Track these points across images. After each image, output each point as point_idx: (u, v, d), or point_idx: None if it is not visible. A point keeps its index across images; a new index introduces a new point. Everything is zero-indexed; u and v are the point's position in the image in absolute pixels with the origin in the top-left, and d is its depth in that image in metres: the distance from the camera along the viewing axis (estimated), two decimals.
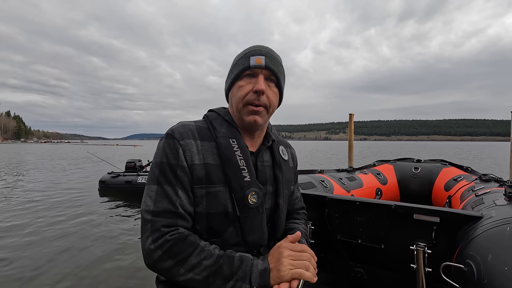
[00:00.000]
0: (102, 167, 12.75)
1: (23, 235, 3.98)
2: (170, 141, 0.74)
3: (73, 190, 7.66)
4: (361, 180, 2.55)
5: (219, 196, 0.73)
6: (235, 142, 0.78)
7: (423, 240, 1.14)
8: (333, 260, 1.40)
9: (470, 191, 1.84)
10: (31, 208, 5.54)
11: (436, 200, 2.52)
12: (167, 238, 0.66)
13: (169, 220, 0.68)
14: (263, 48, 0.80)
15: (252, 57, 0.77)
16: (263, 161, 0.84)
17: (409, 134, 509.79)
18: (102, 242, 3.77)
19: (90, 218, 4.89)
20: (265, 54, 0.78)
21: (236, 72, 0.78)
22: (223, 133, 0.78)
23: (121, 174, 7.35)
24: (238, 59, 0.80)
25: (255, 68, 0.76)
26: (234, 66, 0.81)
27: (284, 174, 0.87)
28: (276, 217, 0.84)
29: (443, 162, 2.80)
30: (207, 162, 0.74)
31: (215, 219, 0.73)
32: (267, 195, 0.82)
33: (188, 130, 0.76)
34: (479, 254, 0.86)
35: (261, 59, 0.77)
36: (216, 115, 0.84)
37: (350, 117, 4.84)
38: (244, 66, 0.77)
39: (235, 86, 0.79)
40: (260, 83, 0.75)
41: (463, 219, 1.08)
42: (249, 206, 0.74)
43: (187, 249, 0.66)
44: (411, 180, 2.74)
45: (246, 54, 0.78)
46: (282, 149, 0.91)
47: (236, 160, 0.75)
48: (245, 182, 0.75)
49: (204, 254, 0.67)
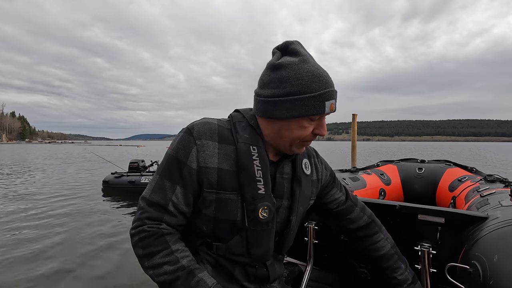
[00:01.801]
0: (106, 167, 12.82)
1: (25, 234, 4.02)
2: (186, 137, 0.71)
3: (77, 189, 7.70)
4: (364, 180, 2.54)
5: (229, 204, 0.71)
6: (256, 150, 0.73)
7: (428, 241, 1.13)
8: (337, 260, 1.40)
9: (475, 191, 1.82)
10: (34, 207, 5.59)
11: (440, 201, 2.50)
12: (145, 229, 0.67)
13: (156, 214, 0.69)
14: (333, 86, 0.70)
15: (327, 102, 0.67)
16: (282, 173, 0.79)
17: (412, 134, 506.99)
18: (105, 241, 3.79)
19: (94, 218, 4.92)
20: (335, 97, 0.70)
21: (303, 113, 0.67)
22: (245, 139, 0.73)
23: (125, 174, 7.38)
24: (309, 97, 0.66)
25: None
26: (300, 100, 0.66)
27: (303, 190, 0.82)
28: (285, 233, 0.81)
29: (448, 162, 2.78)
30: (222, 167, 0.71)
31: (222, 225, 0.72)
32: (281, 209, 0.79)
33: (208, 130, 0.72)
34: (484, 255, 0.86)
35: (334, 105, 0.69)
36: (241, 117, 0.78)
37: (353, 117, 4.82)
38: (317, 112, 0.67)
39: (295, 122, 0.69)
40: (325, 128, 0.73)
41: (468, 219, 1.07)
42: (259, 221, 0.72)
43: (157, 246, 0.66)
44: (415, 181, 2.73)
45: (320, 96, 0.66)
46: (305, 162, 0.86)
47: (253, 169, 0.71)
48: (259, 194, 0.71)
49: (169, 258, 0.66)
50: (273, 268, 0.82)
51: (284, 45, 0.72)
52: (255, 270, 0.78)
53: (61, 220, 4.79)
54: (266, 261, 0.79)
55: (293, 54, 0.70)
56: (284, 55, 0.72)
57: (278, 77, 0.68)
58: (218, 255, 0.75)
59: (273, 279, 0.82)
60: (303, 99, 0.66)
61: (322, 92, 0.66)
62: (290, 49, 0.70)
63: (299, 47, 0.71)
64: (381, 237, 0.98)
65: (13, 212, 5.26)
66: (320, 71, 0.68)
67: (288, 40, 0.72)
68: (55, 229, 4.28)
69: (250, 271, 0.77)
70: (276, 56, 0.72)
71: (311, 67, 0.67)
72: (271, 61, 0.72)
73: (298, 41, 0.73)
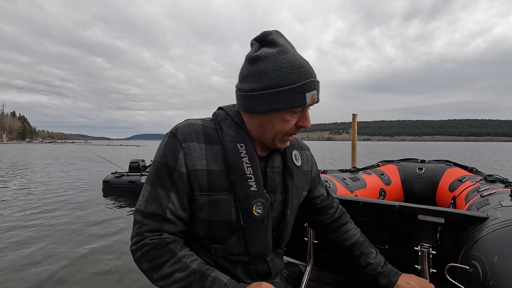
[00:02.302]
0: (106, 167, 12.83)
1: (26, 234, 4.02)
2: (171, 141, 0.69)
3: (77, 189, 7.72)
4: (364, 180, 2.54)
5: (223, 204, 0.70)
6: (243, 147, 0.71)
7: (428, 241, 1.13)
8: (337, 260, 1.40)
9: (475, 192, 1.82)
10: (35, 207, 5.59)
11: (440, 201, 2.50)
12: (147, 242, 0.65)
13: (155, 224, 0.67)
14: (313, 75, 0.67)
15: (308, 94, 0.65)
16: (273, 167, 0.78)
17: (413, 134, 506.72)
18: (105, 240, 3.79)
19: (94, 218, 4.92)
20: (317, 87, 0.67)
21: (284, 105, 0.65)
22: (231, 137, 0.72)
23: (125, 174, 7.39)
24: (289, 90, 0.64)
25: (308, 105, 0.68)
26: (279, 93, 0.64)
27: (295, 182, 0.81)
28: (282, 227, 0.81)
29: (448, 162, 2.78)
30: (211, 168, 0.69)
31: (217, 227, 0.71)
32: (276, 204, 0.78)
33: (193, 132, 0.71)
34: (484, 255, 0.86)
35: (316, 95, 0.67)
36: (225, 115, 0.76)
37: (354, 117, 4.82)
38: (298, 104, 0.65)
39: (277, 116, 0.68)
40: (309, 120, 0.70)
41: (468, 220, 1.07)
42: (253, 218, 0.71)
43: (163, 256, 0.65)
44: (415, 181, 2.73)
45: (300, 87, 0.64)
46: (295, 154, 0.84)
47: (243, 167, 0.70)
48: (251, 192, 0.70)
49: (179, 265, 0.65)
50: (273, 263, 0.82)
51: (262, 36, 0.69)
52: (256, 267, 0.78)
53: (61, 219, 4.80)
54: (266, 257, 0.79)
55: (271, 45, 0.67)
56: (262, 46, 0.69)
57: (256, 70, 0.66)
58: (217, 256, 0.74)
59: (274, 274, 0.82)
60: (282, 92, 0.64)
61: (302, 83, 0.64)
62: (268, 39, 0.68)
63: (277, 37, 0.68)
64: (351, 226, 1.00)
65: (12, 212, 5.27)
66: (300, 61, 0.66)
67: (266, 30, 0.69)
68: (54, 229, 4.29)
69: (251, 268, 0.77)
70: (254, 48, 0.69)
71: (290, 57, 0.65)
72: (249, 53, 0.69)
73: (278, 30, 0.70)
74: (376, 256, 0.96)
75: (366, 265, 0.94)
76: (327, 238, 1.03)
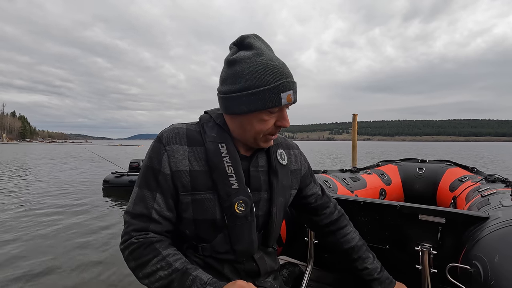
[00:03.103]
0: (106, 167, 12.83)
1: (26, 234, 4.02)
2: (157, 145, 0.73)
3: (78, 189, 7.73)
4: (365, 180, 2.54)
5: (206, 203, 0.72)
6: (225, 147, 0.74)
7: (428, 241, 1.13)
8: (337, 261, 1.39)
9: (475, 191, 1.82)
10: (35, 207, 5.59)
11: (440, 201, 2.50)
12: (133, 241, 0.68)
13: (141, 224, 0.69)
14: (289, 76, 0.69)
15: (283, 94, 0.67)
16: (257, 166, 0.80)
17: (413, 134, 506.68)
18: (105, 240, 3.79)
19: (94, 217, 4.93)
20: (293, 87, 0.69)
21: (260, 106, 0.67)
22: (212, 138, 0.74)
23: (125, 174, 7.41)
24: (264, 90, 0.66)
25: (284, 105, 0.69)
26: (256, 93, 0.66)
27: (280, 180, 0.82)
28: (269, 226, 0.82)
29: (448, 162, 2.78)
30: (193, 168, 0.72)
31: (202, 226, 0.73)
32: (261, 202, 0.79)
33: (176, 135, 0.74)
34: (485, 255, 0.86)
35: (291, 95, 0.69)
36: (208, 118, 0.80)
37: (354, 117, 4.82)
38: (273, 104, 0.67)
39: (254, 116, 0.70)
40: (287, 119, 0.72)
41: (469, 220, 1.07)
42: (236, 215, 0.72)
43: (147, 255, 0.67)
44: (415, 181, 2.72)
45: (275, 88, 0.66)
46: (280, 153, 0.86)
47: (224, 166, 0.72)
48: (232, 190, 0.72)
49: (162, 263, 0.66)
50: (262, 261, 0.82)
51: (240, 40, 0.71)
52: (243, 265, 0.78)
53: (61, 219, 4.80)
54: (253, 255, 0.79)
55: (247, 48, 0.69)
56: (240, 49, 0.71)
57: (233, 73, 0.69)
58: (205, 255, 0.75)
59: (264, 272, 0.82)
60: (258, 93, 0.66)
61: (277, 84, 0.66)
62: (245, 43, 0.70)
63: (254, 40, 0.70)
64: (350, 230, 1.00)
65: (11, 211, 5.27)
66: (275, 63, 0.68)
67: (243, 34, 0.71)
68: (54, 228, 4.29)
69: (238, 267, 0.78)
70: (232, 51, 0.72)
71: (265, 59, 0.67)
72: (227, 57, 0.72)
73: (256, 34, 0.73)
74: (373, 261, 0.97)
75: (363, 270, 0.96)
76: (325, 240, 1.03)
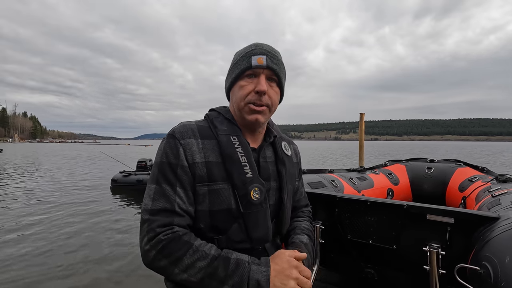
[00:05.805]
0: (114, 166, 12.99)
1: (36, 231, 4.10)
2: (171, 140, 0.74)
3: (86, 188, 7.84)
4: (372, 180, 2.51)
5: (222, 193, 0.73)
6: (236, 139, 0.78)
7: (437, 241, 1.11)
8: (343, 261, 1.39)
9: (486, 191, 1.79)
10: (45, 205, 5.70)
11: (450, 201, 2.46)
12: (160, 238, 0.66)
13: (165, 219, 0.68)
14: (264, 46, 0.78)
15: (253, 57, 0.76)
16: (265, 157, 0.84)
17: (421, 134, 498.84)
18: (113, 239, 3.84)
19: (102, 216, 4.99)
20: (266, 53, 0.76)
21: (237, 71, 0.78)
22: (224, 131, 0.78)
23: (133, 173, 7.50)
24: (239, 58, 0.78)
25: (256, 68, 0.76)
26: (234, 64, 0.79)
27: (288, 169, 0.87)
28: (281, 213, 0.84)
29: (458, 162, 2.73)
30: (209, 160, 0.74)
31: (218, 217, 0.74)
32: (271, 191, 0.82)
33: (189, 130, 0.76)
34: (496, 256, 0.84)
35: (263, 59, 0.76)
36: (216, 114, 0.84)
37: (361, 117, 4.77)
38: (245, 66, 0.76)
39: (236, 86, 0.79)
40: (262, 83, 0.75)
41: (479, 220, 1.05)
42: (252, 202, 0.74)
43: (180, 249, 0.65)
44: (424, 181, 2.69)
45: (247, 53, 0.77)
46: (284, 145, 0.91)
47: (238, 157, 0.75)
48: (247, 178, 0.75)
49: (198, 254, 0.66)
50: (272, 252, 0.81)
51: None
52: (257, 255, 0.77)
53: (70, 218, 4.88)
54: (266, 243, 0.80)
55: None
56: None
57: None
58: (221, 248, 0.74)
59: None
60: (236, 63, 0.79)
61: (249, 50, 0.78)
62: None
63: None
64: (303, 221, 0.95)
65: (20, 210, 5.38)
66: (255, 43, 0.80)
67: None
68: (62, 227, 4.36)
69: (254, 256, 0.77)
70: None
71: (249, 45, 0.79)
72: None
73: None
74: (300, 235, 0.89)
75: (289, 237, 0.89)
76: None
